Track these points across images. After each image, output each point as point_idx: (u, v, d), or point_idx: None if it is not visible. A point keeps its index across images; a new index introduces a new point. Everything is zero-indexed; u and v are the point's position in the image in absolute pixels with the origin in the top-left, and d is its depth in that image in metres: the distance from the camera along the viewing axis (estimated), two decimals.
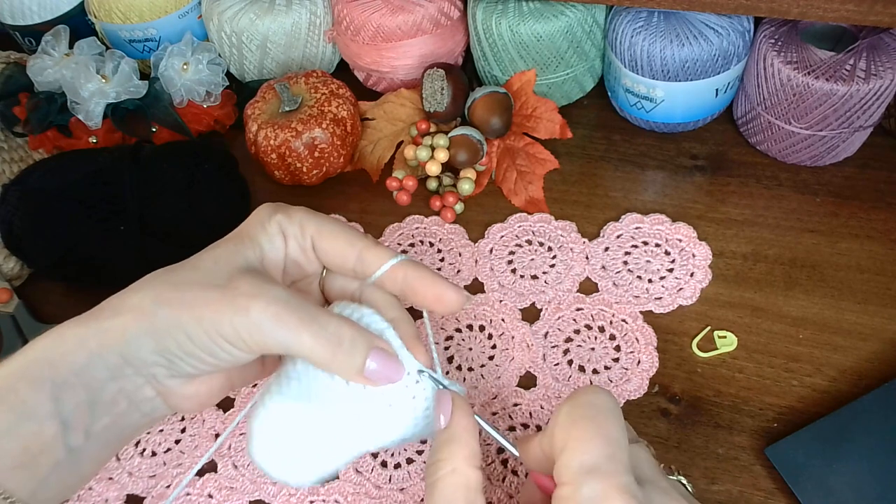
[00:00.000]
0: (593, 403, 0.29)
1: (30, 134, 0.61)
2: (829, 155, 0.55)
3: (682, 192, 0.56)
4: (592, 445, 0.27)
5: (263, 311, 0.31)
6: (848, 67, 0.49)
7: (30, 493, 0.31)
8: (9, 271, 0.56)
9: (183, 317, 0.32)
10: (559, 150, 0.59)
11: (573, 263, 0.53)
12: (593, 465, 0.27)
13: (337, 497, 0.45)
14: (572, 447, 0.27)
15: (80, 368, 0.32)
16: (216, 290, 0.32)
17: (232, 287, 0.32)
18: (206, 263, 0.34)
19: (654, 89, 0.55)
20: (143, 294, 0.33)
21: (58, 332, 0.33)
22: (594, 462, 0.27)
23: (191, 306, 0.32)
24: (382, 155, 0.61)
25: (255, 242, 0.35)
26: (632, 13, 0.55)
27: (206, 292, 0.32)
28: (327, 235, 0.37)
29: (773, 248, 0.52)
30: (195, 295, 0.32)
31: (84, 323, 0.33)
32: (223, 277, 0.33)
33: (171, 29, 0.67)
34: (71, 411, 0.32)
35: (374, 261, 0.36)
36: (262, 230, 0.36)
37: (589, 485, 0.26)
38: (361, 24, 0.60)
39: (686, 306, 0.50)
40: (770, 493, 0.42)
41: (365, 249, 0.36)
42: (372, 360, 0.33)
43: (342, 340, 0.32)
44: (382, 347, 0.33)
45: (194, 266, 0.34)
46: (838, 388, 0.45)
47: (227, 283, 0.33)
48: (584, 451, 0.27)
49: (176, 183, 0.53)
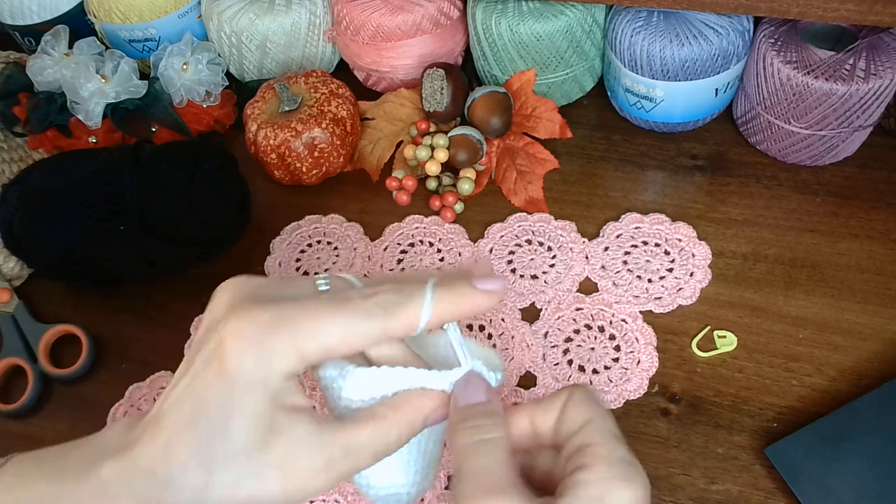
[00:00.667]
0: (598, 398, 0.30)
1: (30, 134, 0.61)
2: (829, 155, 0.55)
3: (682, 192, 0.56)
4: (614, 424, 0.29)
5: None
6: (848, 67, 0.49)
7: None
8: (9, 271, 0.56)
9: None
10: (559, 150, 0.59)
11: (573, 263, 0.53)
12: (619, 435, 0.28)
13: (337, 497, 0.45)
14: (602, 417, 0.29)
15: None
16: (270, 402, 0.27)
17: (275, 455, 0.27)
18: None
19: (653, 89, 0.55)
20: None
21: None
22: (619, 434, 0.28)
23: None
24: (382, 155, 0.61)
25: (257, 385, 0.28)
26: (631, 13, 0.55)
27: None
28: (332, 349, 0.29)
29: (772, 248, 0.52)
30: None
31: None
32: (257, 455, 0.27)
33: (170, 29, 0.67)
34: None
35: (406, 325, 0.30)
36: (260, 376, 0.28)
37: (622, 448, 0.28)
38: (361, 23, 0.60)
39: (686, 306, 0.50)
40: (770, 493, 0.42)
41: (387, 321, 0.29)
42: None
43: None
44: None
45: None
46: (838, 387, 0.45)
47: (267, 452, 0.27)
48: (612, 424, 0.29)
49: (176, 183, 0.52)
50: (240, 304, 0.29)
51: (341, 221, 0.58)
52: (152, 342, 0.53)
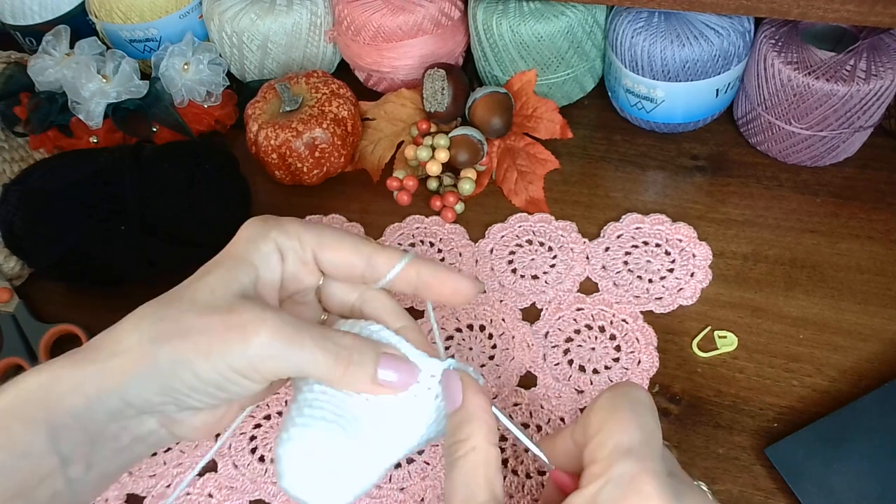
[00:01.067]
0: (633, 396, 0.29)
1: (31, 134, 0.61)
2: (830, 155, 0.55)
3: (683, 193, 0.56)
4: (630, 430, 0.27)
5: (274, 336, 0.30)
6: (848, 68, 0.49)
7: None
8: (9, 271, 0.56)
9: (187, 354, 0.30)
10: (560, 151, 0.59)
11: (573, 263, 0.53)
12: (629, 448, 0.27)
13: None
14: (609, 428, 0.28)
15: (78, 412, 0.30)
16: (219, 322, 0.31)
17: (235, 316, 0.31)
18: (202, 294, 0.32)
19: (654, 89, 0.56)
20: (140, 332, 0.31)
21: (51, 372, 0.31)
22: (629, 444, 0.27)
23: (195, 342, 0.30)
24: (383, 155, 0.61)
25: (248, 264, 0.34)
26: (632, 13, 0.55)
27: (208, 325, 0.31)
28: (331, 245, 0.35)
29: (773, 249, 0.52)
30: (197, 329, 0.31)
31: (79, 364, 0.31)
32: (223, 307, 0.31)
33: (171, 29, 0.67)
34: (70, 448, 0.31)
35: (385, 264, 0.35)
36: (255, 250, 0.34)
37: (622, 464, 0.26)
38: (362, 24, 0.60)
39: (686, 306, 0.50)
40: (770, 493, 0.42)
41: (373, 254, 0.35)
42: (383, 367, 0.32)
43: (351, 353, 0.32)
44: (390, 353, 0.33)
45: (190, 298, 0.32)
46: (838, 388, 0.45)
47: (229, 312, 0.31)
48: (621, 433, 0.27)
49: (177, 183, 0.53)
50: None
51: (342, 222, 0.58)
52: None
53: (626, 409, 0.28)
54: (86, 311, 0.55)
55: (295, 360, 0.31)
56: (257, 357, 0.30)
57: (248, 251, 0.34)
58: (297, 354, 0.31)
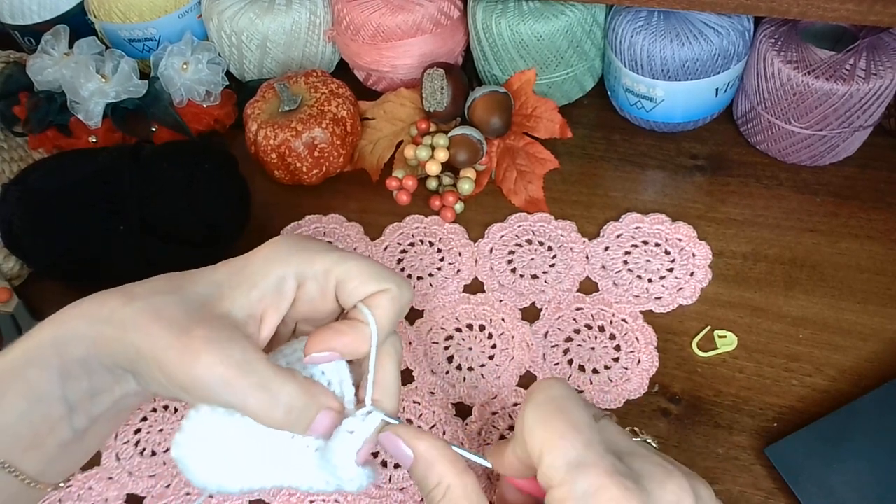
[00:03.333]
0: (552, 397, 0.29)
1: (30, 133, 0.61)
2: (829, 154, 0.55)
3: (682, 192, 0.56)
4: (568, 440, 0.27)
5: (210, 370, 0.31)
6: (848, 67, 0.49)
7: (39, 472, 0.33)
8: (8, 271, 0.56)
9: (148, 355, 0.32)
10: (559, 150, 0.59)
11: (573, 263, 0.53)
12: (577, 460, 0.27)
13: (337, 497, 0.45)
14: (550, 449, 0.28)
15: (81, 359, 0.32)
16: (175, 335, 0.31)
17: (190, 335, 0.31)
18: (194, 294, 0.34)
19: (654, 89, 0.55)
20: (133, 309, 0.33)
21: (62, 321, 0.33)
22: (576, 456, 0.27)
23: (152, 346, 0.32)
24: (382, 154, 0.61)
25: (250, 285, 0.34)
26: (632, 13, 0.55)
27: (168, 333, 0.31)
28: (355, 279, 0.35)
29: (773, 248, 0.52)
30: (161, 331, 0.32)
31: (84, 315, 0.33)
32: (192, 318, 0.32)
33: (170, 28, 0.67)
34: (76, 396, 0.33)
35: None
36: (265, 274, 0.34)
37: (580, 480, 0.26)
38: (361, 23, 0.60)
39: (686, 306, 0.50)
40: (770, 493, 0.42)
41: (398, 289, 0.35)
42: (319, 421, 0.33)
43: (292, 409, 0.32)
44: (331, 407, 0.33)
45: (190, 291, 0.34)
46: (838, 387, 0.45)
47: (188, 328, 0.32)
48: (564, 449, 0.27)
49: (176, 182, 0.52)
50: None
51: (341, 221, 0.58)
52: None
53: (556, 418, 0.28)
54: None
55: (227, 399, 0.32)
56: (191, 381, 0.31)
57: (256, 273, 0.35)
58: (229, 395, 0.31)
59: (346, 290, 0.35)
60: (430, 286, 0.53)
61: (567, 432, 0.28)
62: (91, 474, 0.47)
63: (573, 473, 0.27)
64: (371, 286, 0.35)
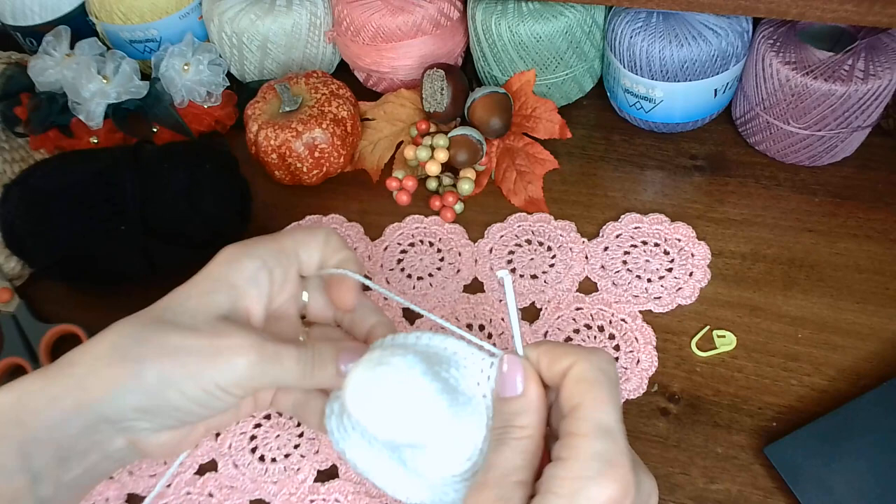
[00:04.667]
0: (611, 373, 0.30)
1: (31, 134, 0.62)
2: (828, 155, 0.55)
3: (681, 192, 0.56)
4: (609, 410, 0.29)
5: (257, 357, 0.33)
6: (846, 68, 0.50)
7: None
8: (10, 271, 0.56)
9: (175, 373, 0.32)
10: (559, 150, 0.59)
11: (572, 263, 0.53)
12: (608, 428, 0.28)
13: (337, 496, 0.45)
14: (590, 404, 0.28)
15: (52, 426, 0.32)
16: (207, 345, 0.33)
17: (223, 339, 0.33)
18: (184, 318, 0.34)
19: (653, 89, 0.56)
20: (122, 349, 0.33)
21: (23, 388, 0.32)
22: (609, 425, 0.28)
23: (183, 363, 0.32)
24: (382, 155, 0.61)
25: (229, 286, 0.36)
26: (631, 14, 0.55)
27: (197, 348, 0.33)
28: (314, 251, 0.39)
29: (771, 248, 0.52)
30: (186, 350, 0.33)
31: (54, 379, 0.32)
32: (207, 330, 0.34)
33: (171, 30, 0.67)
34: (41, 466, 0.32)
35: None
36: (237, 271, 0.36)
37: (603, 441, 0.28)
38: (361, 24, 0.61)
39: (685, 306, 0.50)
40: (769, 493, 0.42)
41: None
42: (343, 361, 0.36)
43: (314, 358, 0.35)
44: (348, 347, 0.37)
45: (172, 320, 0.34)
46: (837, 387, 0.45)
47: (216, 336, 0.33)
48: (603, 412, 0.28)
49: (177, 183, 0.53)
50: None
51: (342, 221, 0.58)
52: None
53: (605, 385, 0.29)
54: (86, 311, 0.55)
55: (273, 375, 0.34)
56: (243, 376, 0.33)
57: (228, 273, 0.36)
58: (276, 370, 0.34)
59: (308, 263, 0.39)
60: (430, 286, 0.53)
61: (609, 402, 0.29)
62: None
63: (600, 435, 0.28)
64: (328, 253, 0.39)
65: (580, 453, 0.27)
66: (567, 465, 0.27)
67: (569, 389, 0.29)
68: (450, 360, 0.32)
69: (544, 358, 0.31)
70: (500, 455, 0.30)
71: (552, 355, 0.30)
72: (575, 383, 0.29)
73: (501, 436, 0.30)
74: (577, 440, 0.28)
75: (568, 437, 0.28)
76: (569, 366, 0.30)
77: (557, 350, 0.30)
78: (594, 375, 0.29)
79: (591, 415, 0.28)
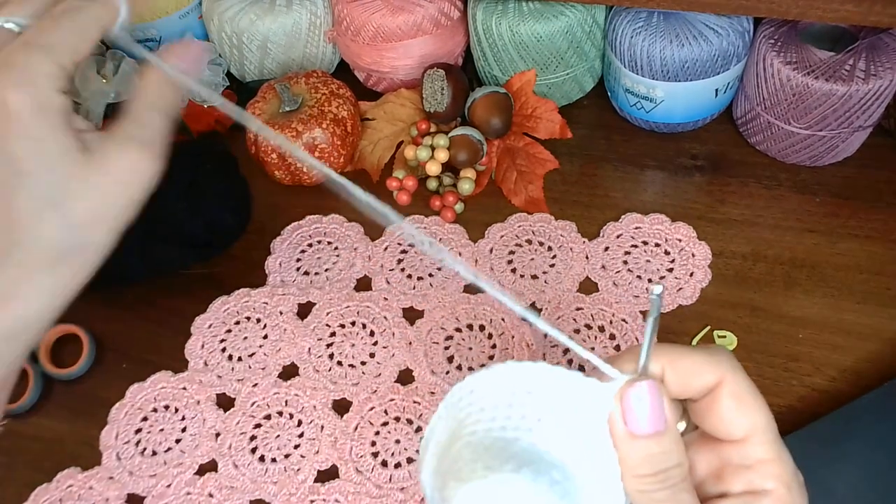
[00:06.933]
0: (745, 372, 0.27)
1: None
2: (829, 155, 0.55)
3: (682, 192, 0.56)
4: (772, 417, 0.26)
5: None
6: (847, 68, 0.49)
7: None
8: None
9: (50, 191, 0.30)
10: (559, 150, 0.59)
11: (573, 263, 0.53)
12: (779, 435, 0.26)
13: (337, 497, 0.45)
14: (768, 417, 0.26)
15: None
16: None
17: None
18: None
19: (653, 89, 0.56)
20: None
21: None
22: (778, 433, 0.26)
23: (49, 177, 0.30)
24: (382, 155, 0.61)
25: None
26: (632, 13, 0.55)
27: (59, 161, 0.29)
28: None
29: (772, 248, 0.52)
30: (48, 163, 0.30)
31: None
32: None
33: (171, 29, 0.67)
34: None
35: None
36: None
37: (790, 460, 0.26)
38: (362, 24, 0.60)
39: (686, 306, 0.50)
40: None
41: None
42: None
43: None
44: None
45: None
46: (838, 387, 0.45)
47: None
48: (773, 419, 0.26)
49: (177, 183, 0.53)
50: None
51: (342, 221, 0.58)
52: (152, 342, 0.53)
53: (758, 395, 0.26)
54: (85, 311, 0.55)
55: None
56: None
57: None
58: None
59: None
60: (430, 286, 0.53)
61: (784, 449, 0.26)
62: (91, 474, 0.47)
63: (785, 452, 0.26)
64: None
65: (785, 481, 0.25)
66: (776, 495, 0.25)
67: (735, 410, 0.25)
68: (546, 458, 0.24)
69: (672, 372, 0.25)
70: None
71: (683, 368, 0.25)
72: (738, 401, 0.25)
73: (666, 483, 0.24)
74: (774, 467, 0.25)
75: (760, 464, 0.26)
76: (717, 381, 0.25)
77: (686, 360, 0.25)
78: (749, 387, 0.26)
79: (770, 429, 0.26)
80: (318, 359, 0.51)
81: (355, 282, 0.54)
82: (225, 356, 0.52)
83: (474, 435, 0.25)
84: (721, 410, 0.25)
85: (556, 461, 0.24)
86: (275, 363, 0.51)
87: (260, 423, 0.48)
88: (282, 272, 0.56)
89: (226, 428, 0.48)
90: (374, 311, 0.52)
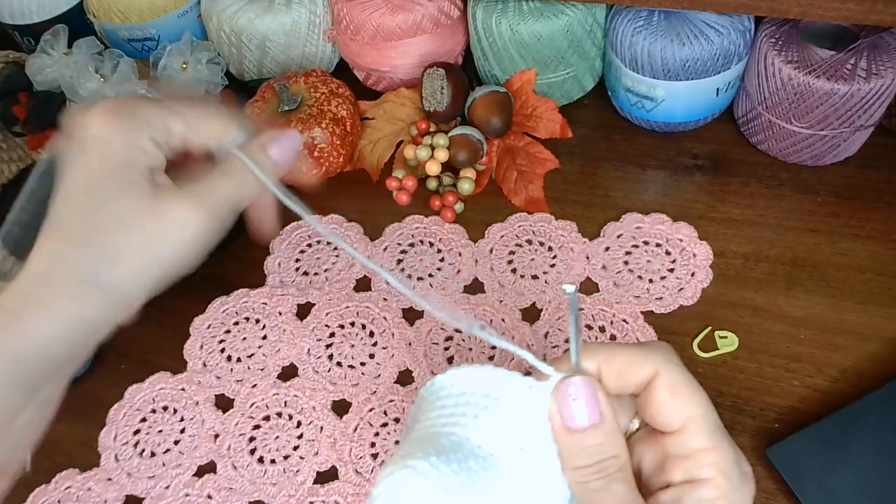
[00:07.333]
0: (683, 366, 0.27)
1: (29, 133, 0.61)
2: (830, 154, 0.55)
3: (683, 192, 0.56)
4: (714, 411, 0.27)
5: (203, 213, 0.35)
6: (849, 67, 0.49)
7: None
8: (8, 271, 0.56)
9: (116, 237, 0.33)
10: (559, 150, 0.59)
11: (573, 263, 0.53)
12: (721, 425, 0.27)
13: (337, 498, 0.45)
14: (706, 407, 0.26)
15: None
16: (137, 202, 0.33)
17: (153, 196, 0.33)
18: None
19: (654, 88, 0.55)
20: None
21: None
22: (720, 423, 0.27)
23: (119, 219, 0.32)
24: (382, 154, 0.61)
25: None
26: (632, 12, 0.55)
27: (132, 199, 0.33)
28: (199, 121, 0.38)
29: (773, 248, 0.52)
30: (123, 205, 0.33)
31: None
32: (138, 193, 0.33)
33: (170, 28, 0.67)
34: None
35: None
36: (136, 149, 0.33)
37: (730, 447, 0.26)
38: (361, 23, 0.60)
39: (687, 306, 0.50)
40: (771, 494, 0.42)
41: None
42: (273, 151, 0.37)
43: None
44: (272, 139, 0.37)
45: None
46: (839, 388, 0.45)
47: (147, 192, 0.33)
48: (713, 410, 0.27)
49: None
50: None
51: (341, 221, 0.58)
52: (152, 342, 0.53)
53: (697, 386, 0.26)
54: None
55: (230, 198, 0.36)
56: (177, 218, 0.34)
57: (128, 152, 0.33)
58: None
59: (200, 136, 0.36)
60: (430, 286, 0.53)
61: (727, 439, 0.27)
62: (90, 475, 0.47)
63: (724, 440, 0.26)
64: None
65: (723, 469, 0.25)
66: (714, 484, 0.25)
67: (672, 401, 0.26)
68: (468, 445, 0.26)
69: (608, 368, 0.26)
70: (614, 496, 0.25)
71: (618, 364, 0.26)
72: (675, 392, 0.26)
73: (601, 474, 0.25)
74: (712, 455, 0.26)
75: (697, 453, 0.26)
76: (652, 374, 0.26)
77: (621, 356, 0.26)
78: (685, 379, 0.26)
79: (709, 419, 0.26)
80: (317, 359, 0.50)
81: (354, 282, 0.54)
82: (224, 357, 0.51)
83: (419, 431, 0.27)
84: (657, 403, 0.26)
85: (485, 453, 0.26)
86: (274, 364, 0.50)
87: (259, 424, 0.48)
88: (281, 272, 0.56)
89: (225, 429, 0.48)
90: (374, 312, 0.52)
